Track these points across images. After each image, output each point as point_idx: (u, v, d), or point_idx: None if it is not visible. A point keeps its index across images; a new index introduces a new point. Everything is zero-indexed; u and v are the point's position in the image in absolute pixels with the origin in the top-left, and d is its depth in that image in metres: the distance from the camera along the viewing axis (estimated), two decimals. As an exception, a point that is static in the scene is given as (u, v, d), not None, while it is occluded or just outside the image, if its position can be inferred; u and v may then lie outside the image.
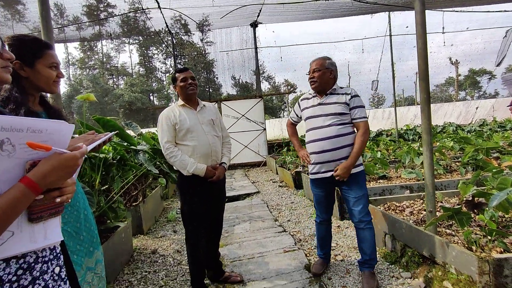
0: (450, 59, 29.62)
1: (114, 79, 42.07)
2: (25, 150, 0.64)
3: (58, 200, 0.70)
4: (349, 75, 25.93)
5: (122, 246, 2.68)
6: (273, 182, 6.43)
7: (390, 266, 2.31)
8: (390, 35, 8.47)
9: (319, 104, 2.15)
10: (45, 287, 0.71)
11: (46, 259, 0.73)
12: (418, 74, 1.99)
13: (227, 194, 5.35)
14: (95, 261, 1.50)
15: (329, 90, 2.15)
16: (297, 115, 2.37)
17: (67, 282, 0.80)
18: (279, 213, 4.06)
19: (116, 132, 1.43)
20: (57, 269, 0.77)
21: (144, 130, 7.63)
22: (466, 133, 9.35)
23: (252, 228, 3.49)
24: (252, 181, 6.76)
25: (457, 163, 4.31)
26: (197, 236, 2.09)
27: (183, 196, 2.10)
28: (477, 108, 15.16)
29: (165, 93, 37.50)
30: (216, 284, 2.27)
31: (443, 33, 10.53)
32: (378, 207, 2.74)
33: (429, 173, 2.01)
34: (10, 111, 1.06)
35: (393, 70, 8.21)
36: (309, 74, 2.20)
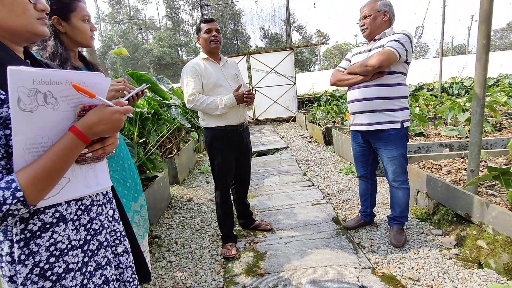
0: (518, -3, 25.08)
1: (143, 34, 41.98)
2: (67, 103, 0.66)
3: (100, 152, 0.75)
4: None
5: (161, 194, 2.93)
6: (302, 137, 6.39)
7: (420, 223, 2.29)
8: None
9: (365, 51, 1.97)
10: (101, 226, 0.80)
11: (100, 202, 0.82)
12: (479, 15, 1.70)
13: (257, 149, 5.49)
14: (140, 205, 1.66)
15: (379, 34, 1.90)
16: (350, 61, 2.09)
17: (120, 222, 0.90)
18: (308, 168, 4.10)
19: (148, 86, 1.45)
20: (110, 212, 0.86)
21: (174, 85, 7.74)
22: (524, 86, 8.29)
23: (281, 182, 3.59)
24: (281, 136, 6.78)
25: (509, 120, 3.91)
26: (226, 187, 2.19)
27: (211, 152, 2.12)
28: (542, 58, 13.11)
29: (193, 47, 36.94)
30: (247, 231, 2.45)
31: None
32: (413, 164, 2.64)
33: (477, 130, 1.85)
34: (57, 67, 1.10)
35: (444, 12, 7.16)
36: (359, 22, 1.97)
